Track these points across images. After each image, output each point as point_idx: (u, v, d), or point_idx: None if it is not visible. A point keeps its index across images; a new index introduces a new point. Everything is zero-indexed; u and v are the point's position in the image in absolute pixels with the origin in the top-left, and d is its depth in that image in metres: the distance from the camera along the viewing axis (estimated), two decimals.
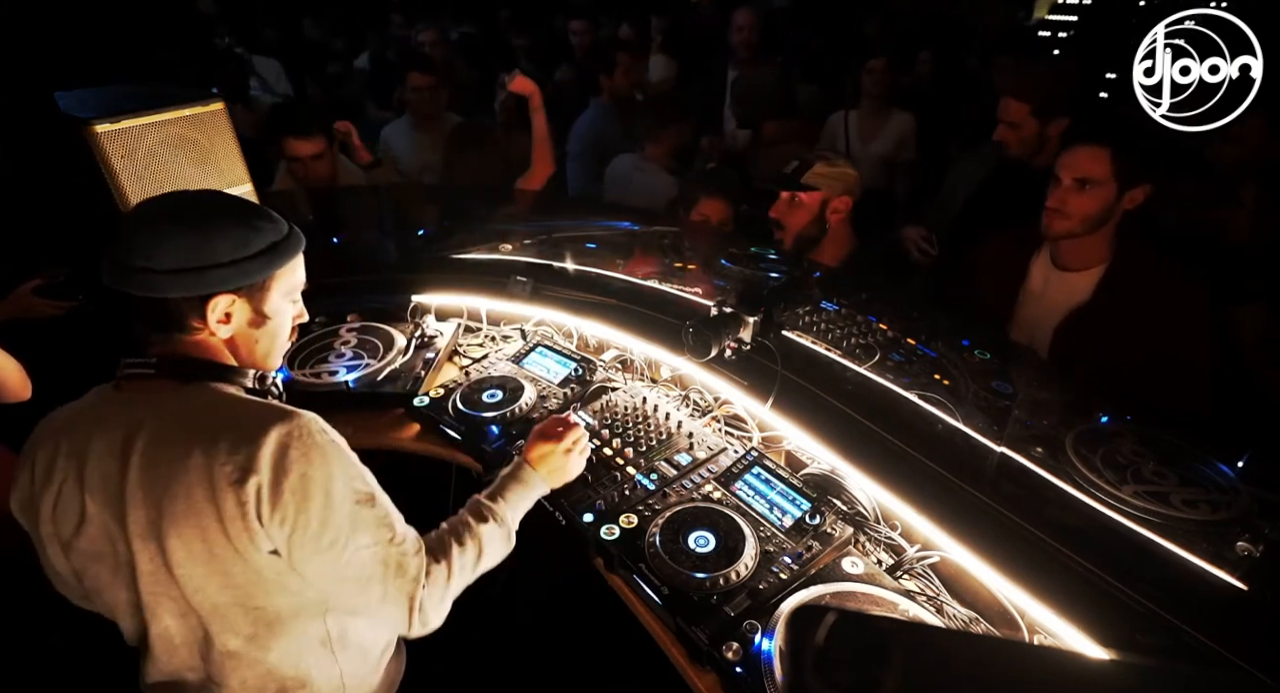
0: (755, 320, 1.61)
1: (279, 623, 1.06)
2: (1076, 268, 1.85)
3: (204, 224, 0.99)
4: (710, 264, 2.21)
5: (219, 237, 0.99)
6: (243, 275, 1.01)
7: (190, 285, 0.98)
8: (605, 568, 1.45)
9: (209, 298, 1.00)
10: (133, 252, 0.96)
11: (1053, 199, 1.76)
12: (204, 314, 1.01)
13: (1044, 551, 1.20)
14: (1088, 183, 1.71)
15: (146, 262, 0.95)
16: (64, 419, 1.06)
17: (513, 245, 2.44)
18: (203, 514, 0.94)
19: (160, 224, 0.97)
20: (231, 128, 1.82)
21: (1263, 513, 1.17)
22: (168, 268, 0.96)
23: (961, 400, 1.50)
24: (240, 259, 1.00)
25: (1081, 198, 1.72)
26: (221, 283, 1.00)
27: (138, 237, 0.96)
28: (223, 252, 0.99)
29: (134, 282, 0.96)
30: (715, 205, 2.54)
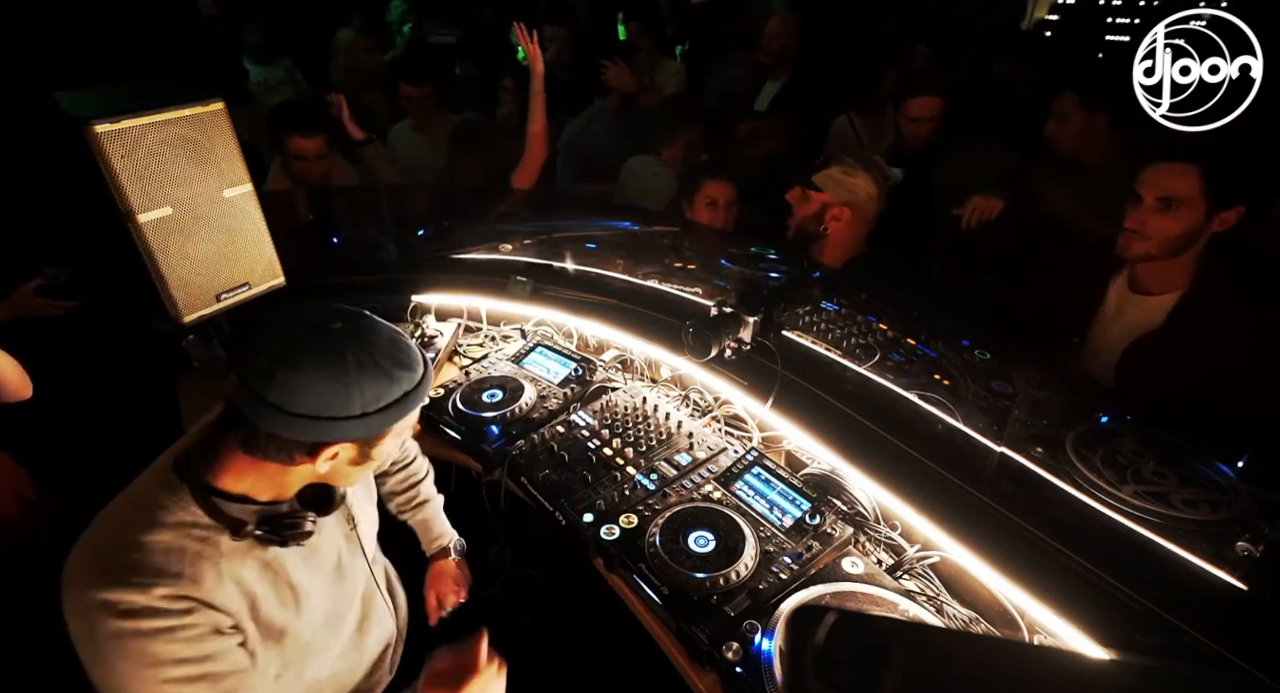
0: (755, 320, 1.61)
1: None
2: (1154, 292, 1.73)
3: (349, 378, 0.92)
4: (710, 264, 2.21)
5: (358, 392, 0.93)
6: (366, 428, 0.95)
7: (314, 433, 0.93)
8: (605, 568, 1.45)
9: (325, 446, 0.96)
10: (271, 387, 0.90)
11: (1131, 219, 1.64)
12: (314, 457, 0.97)
13: (1044, 551, 1.20)
14: (1172, 203, 1.58)
15: (280, 401, 0.90)
16: None
17: (513, 245, 2.44)
18: None
19: (308, 369, 0.90)
20: (231, 128, 1.82)
21: (1263, 513, 1.17)
22: (299, 412, 0.91)
23: (961, 400, 1.50)
24: (371, 413, 0.94)
25: (1164, 219, 1.60)
26: (344, 435, 0.95)
27: (279, 373, 0.90)
28: (356, 406, 0.93)
29: (261, 415, 0.91)
30: (721, 187, 2.53)
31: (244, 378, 0.91)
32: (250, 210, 1.91)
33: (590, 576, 1.47)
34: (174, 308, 1.82)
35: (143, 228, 1.70)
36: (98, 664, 0.90)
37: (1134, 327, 1.76)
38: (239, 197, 1.87)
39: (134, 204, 1.67)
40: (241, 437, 0.96)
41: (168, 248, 1.76)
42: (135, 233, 1.70)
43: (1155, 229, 1.62)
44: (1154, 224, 1.61)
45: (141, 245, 1.72)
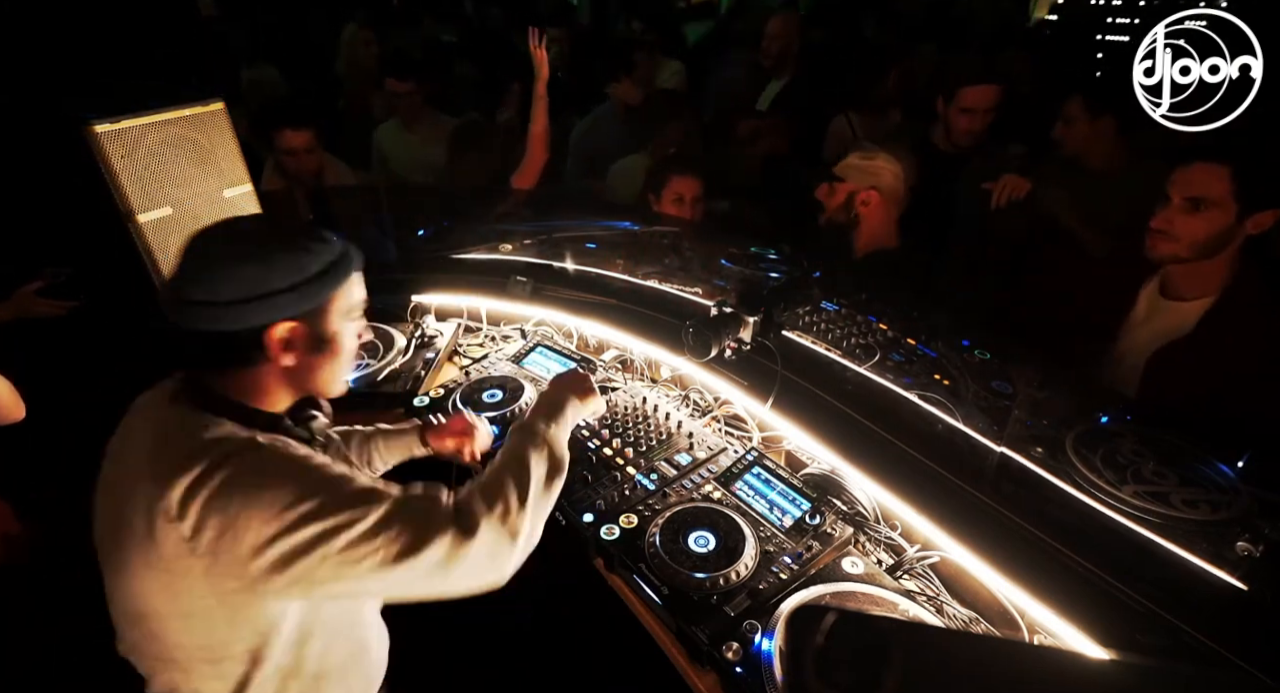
0: (755, 320, 1.61)
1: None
2: (1185, 297, 1.68)
3: (261, 252, 0.96)
4: (710, 264, 2.21)
5: (277, 263, 0.96)
6: (302, 299, 0.97)
7: (253, 315, 0.95)
8: (605, 568, 1.45)
9: (269, 326, 0.97)
10: (194, 285, 0.94)
11: (1159, 220, 1.60)
12: (265, 344, 0.98)
13: (1044, 551, 1.20)
14: (1202, 203, 1.53)
15: (209, 295, 0.93)
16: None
17: (513, 245, 2.44)
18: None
19: (219, 256, 0.95)
20: (231, 128, 1.82)
21: (1263, 513, 1.17)
22: (229, 298, 0.93)
23: (961, 400, 1.50)
24: (299, 283, 0.97)
25: (1193, 220, 1.55)
26: (282, 309, 0.96)
27: (197, 270, 0.94)
28: (281, 278, 0.96)
29: (197, 316, 0.94)
30: (687, 182, 2.56)
31: (170, 296, 0.95)
32: (250, 210, 1.91)
33: (590, 576, 1.47)
34: None
35: (143, 228, 1.70)
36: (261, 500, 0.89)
37: (1163, 332, 1.71)
38: (239, 197, 1.87)
39: (134, 204, 1.67)
40: (206, 362, 1.00)
41: (168, 248, 1.76)
42: (135, 233, 1.70)
43: (1183, 230, 1.57)
44: (1181, 225, 1.57)
45: (141, 245, 1.72)
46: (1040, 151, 2.65)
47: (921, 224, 2.45)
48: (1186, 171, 1.58)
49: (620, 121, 3.43)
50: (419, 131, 3.43)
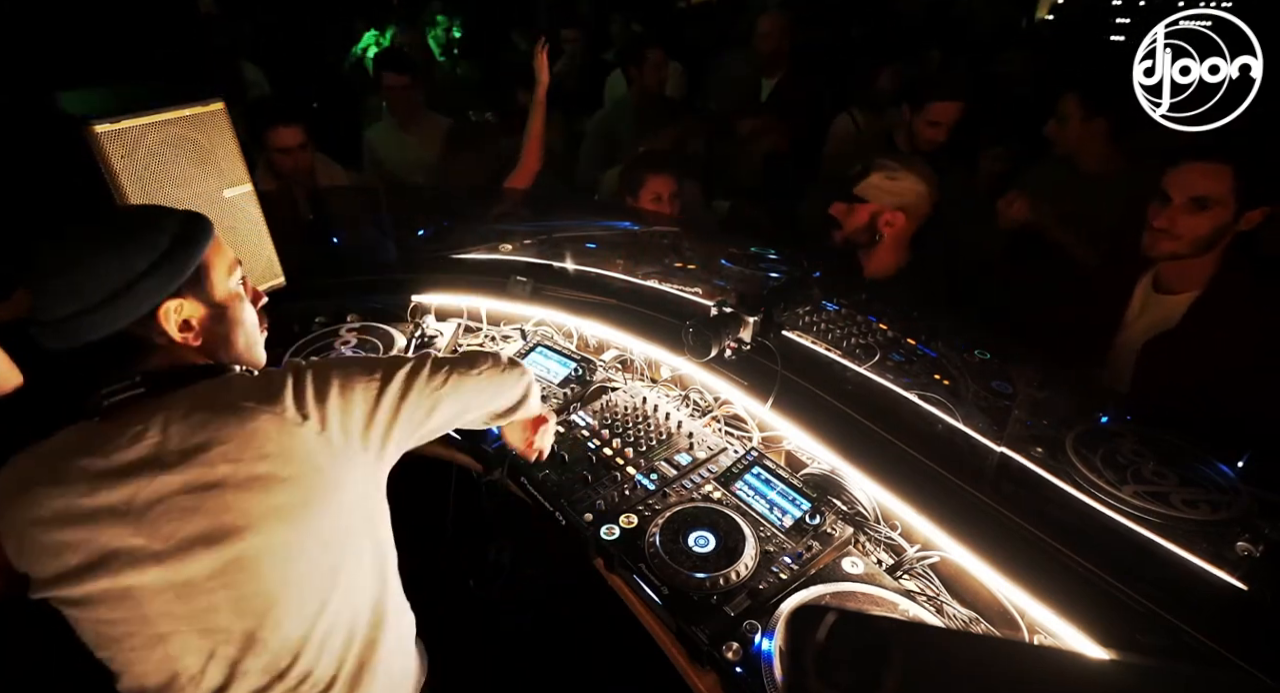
0: (755, 320, 1.61)
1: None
2: (1175, 291, 1.73)
3: (108, 243, 0.93)
4: (710, 264, 2.21)
5: (128, 249, 0.93)
6: (173, 273, 0.95)
7: (131, 307, 0.93)
8: (605, 568, 1.45)
9: (154, 311, 0.95)
10: (59, 301, 0.90)
11: (1161, 219, 1.62)
12: (161, 328, 0.96)
13: (1044, 551, 1.20)
14: (1206, 202, 1.57)
15: (79, 304, 0.90)
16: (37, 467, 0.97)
17: (513, 245, 2.44)
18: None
19: (68, 264, 0.91)
20: (231, 128, 1.82)
21: (1263, 513, 1.17)
22: (99, 300, 0.90)
23: (961, 400, 1.50)
24: (158, 259, 0.94)
25: (1196, 219, 1.58)
26: (159, 290, 0.94)
27: (52, 287, 0.91)
28: (140, 261, 0.93)
29: (76, 329, 0.91)
30: (663, 181, 2.59)
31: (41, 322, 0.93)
32: (250, 210, 1.91)
33: (590, 576, 1.47)
34: None
35: None
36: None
37: (1155, 325, 1.75)
38: (239, 196, 1.87)
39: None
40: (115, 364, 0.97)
41: None
42: None
43: (1185, 229, 1.60)
44: (1184, 224, 1.59)
45: None
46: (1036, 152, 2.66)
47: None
48: (1189, 171, 1.60)
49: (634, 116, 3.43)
50: (415, 132, 3.40)
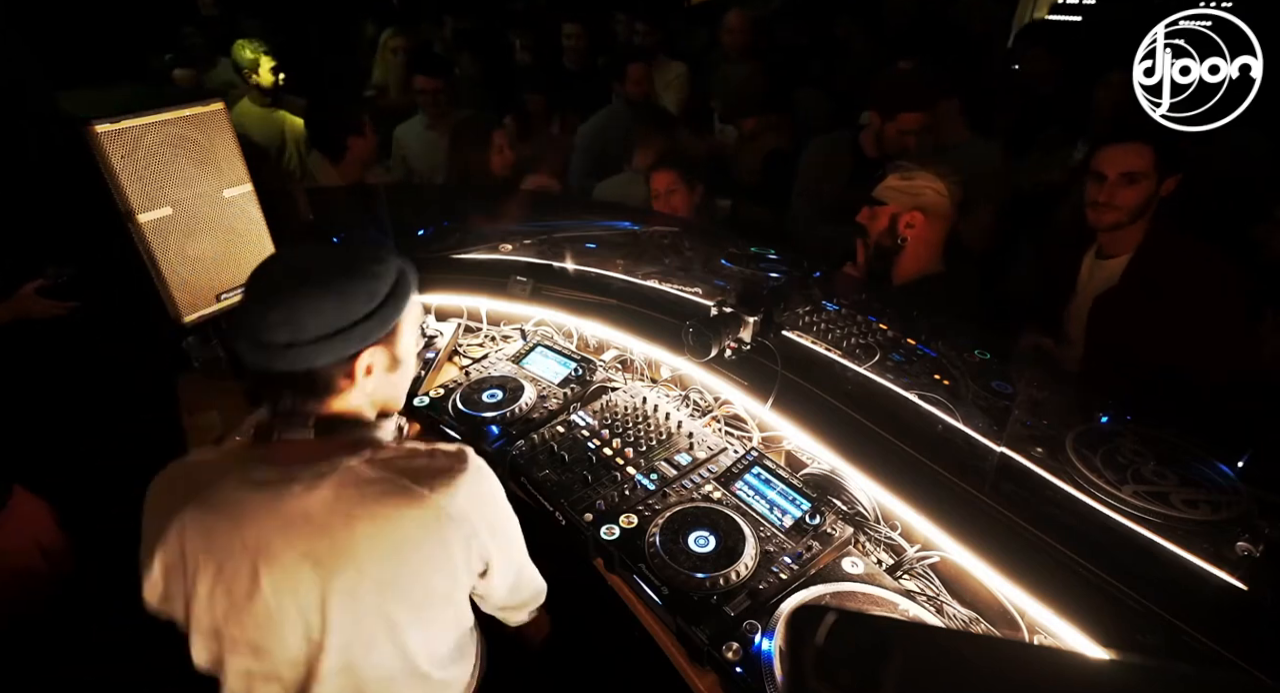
0: (755, 320, 1.61)
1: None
2: (1114, 255, 1.97)
3: (335, 284, 0.96)
4: (710, 264, 2.21)
5: (351, 294, 0.97)
6: (381, 326, 0.99)
7: (339, 349, 0.96)
8: (605, 568, 1.45)
9: (355, 356, 0.99)
10: (274, 329, 0.93)
11: (1102, 194, 1.88)
12: (351, 373, 1.00)
13: (1044, 551, 1.20)
14: (1135, 177, 1.83)
15: (292, 336, 0.93)
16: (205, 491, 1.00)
17: (513, 245, 2.44)
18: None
19: (293, 296, 0.94)
20: (232, 127, 1.82)
21: (1263, 513, 1.17)
22: (313, 337, 0.94)
23: (961, 400, 1.50)
24: (374, 310, 0.98)
25: (1129, 191, 1.84)
26: (364, 339, 0.98)
27: (275, 313, 0.93)
28: (359, 308, 0.97)
29: (284, 359, 0.94)
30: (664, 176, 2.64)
31: (249, 341, 0.94)
32: (250, 210, 1.91)
33: (590, 576, 1.47)
34: (174, 308, 1.82)
35: (143, 228, 1.70)
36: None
37: (1099, 287, 2.00)
38: (239, 196, 1.87)
39: (134, 204, 1.67)
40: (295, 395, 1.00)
41: (168, 248, 1.76)
42: (135, 233, 1.70)
43: (1122, 201, 1.86)
44: (1121, 196, 1.86)
45: (141, 245, 1.72)
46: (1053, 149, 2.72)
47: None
48: (1118, 151, 1.86)
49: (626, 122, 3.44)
50: (443, 131, 3.40)
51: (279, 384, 0.99)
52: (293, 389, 0.99)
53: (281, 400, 1.00)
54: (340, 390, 1.02)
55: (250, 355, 0.95)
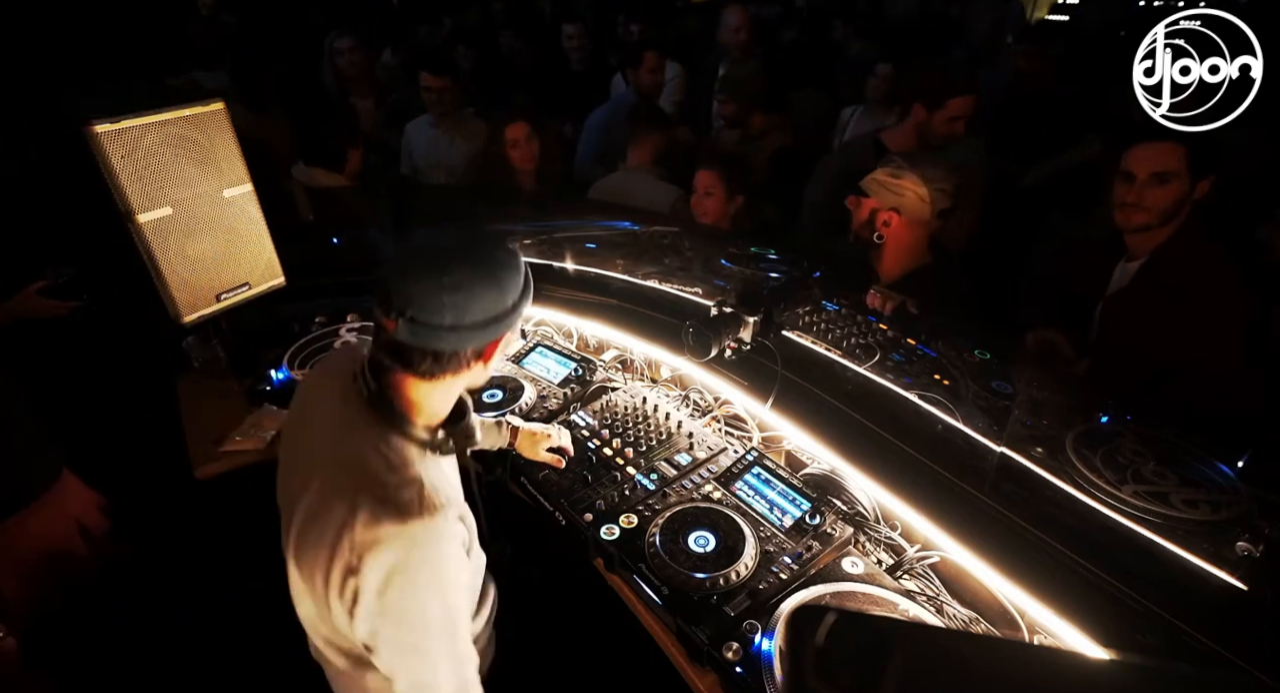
0: (755, 320, 1.61)
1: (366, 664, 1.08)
2: (1138, 258, 1.92)
3: (495, 275, 0.99)
4: (710, 264, 2.21)
5: (506, 284, 1.00)
6: (516, 316, 1.03)
7: (490, 334, 1.00)
8: (605, 568, 1.45)
9: (496, 341, 1.03)
10: (441, 312, 0.95)
11: (1131, 195, 1.83)
12: (487, 352, 1.03)
13: (1044, 551, 1.20)
14: (1166, 177, 1.77)
15: (456, 321, 0.96)
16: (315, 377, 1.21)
17: (513, 245, 2.44)
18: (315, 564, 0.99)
19: (464, 283, 0.95)
20: (231, 127, 1.82)
21: (1263, 513, 1.17)
22: (473, 322, 0.97)
23: (961, 400, 1.50)
24: (517, 301, 1.02)
25: (1160, 191, 1.79)
26: (506, 326, 1.01)
27: (446, 298, 0.94)
28: (510, 295, 1.00)
29: (443, 339, 0.97)
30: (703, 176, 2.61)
31: (413, 318, 0.95)
32: (250, 210, 1.91)
33: (590, 576, 1.47)
34: (174, 308, 1.82)
35: (143, 228, 1.70)
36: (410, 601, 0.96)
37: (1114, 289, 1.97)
38: (239, 196, 1.87)
39: (134, 204, 1.67)
40: (423, 369, 1.00)
41: (168, 248, 1.76)
42: (135, 233, 1.70)
43: (1152, 201, 1.80)
44: (1151, 197, 1.80)
45: (141, 245, 1.72)
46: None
47: None
48: (1148, 151, 1.80)
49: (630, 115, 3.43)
50: (451, 130, 3.40)
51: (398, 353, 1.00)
52: (405, 361, 1.00)
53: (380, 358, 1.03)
54: (457, 372, 1.03)
55: (407, 332, 0.95)
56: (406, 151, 3.51)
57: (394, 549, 0.94)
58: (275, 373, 2.00)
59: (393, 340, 0.98)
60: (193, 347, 2.06)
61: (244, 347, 2.11)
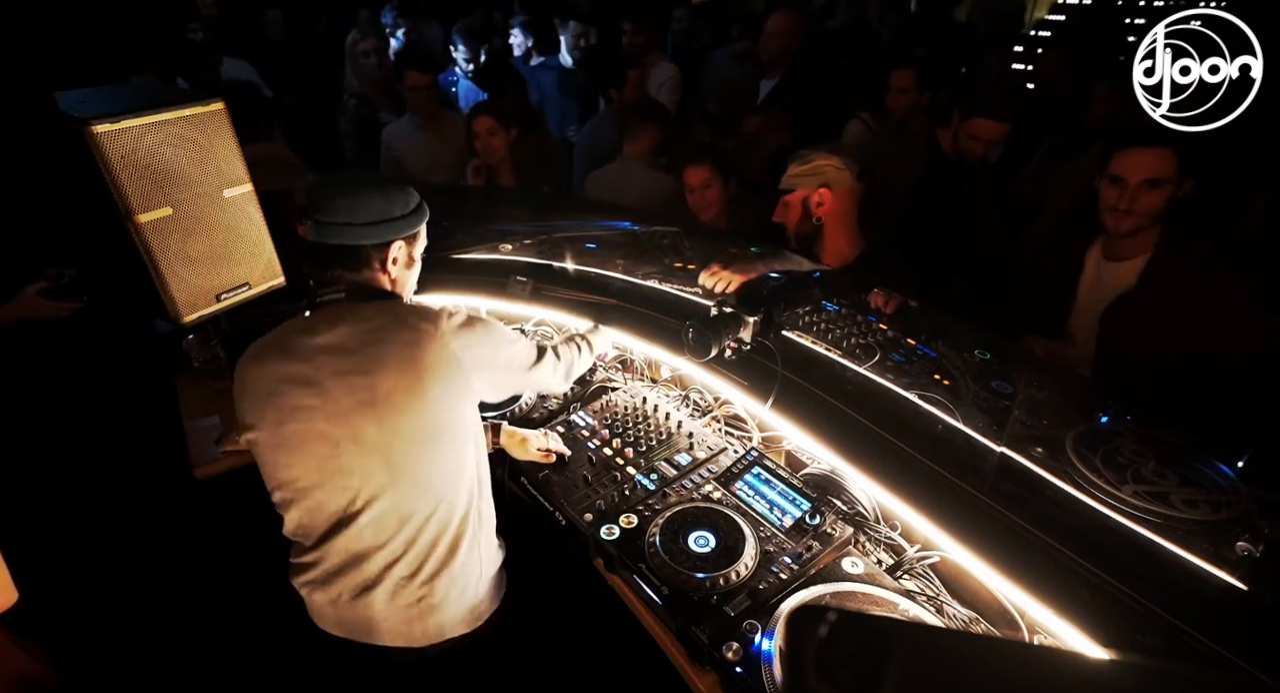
0: (755, 320, 1.61)
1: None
2: (1125, 258, 1.91)
3: (382, 189, 1.31)
4: (710, 264, 2.20)
5: (393, 198, 1.31)
6: (408, 226, 1.33)
7: (380, 234, 1.29)
8: (605, 568, 1.45)
9: (389, 244, 1.31)
10: (337, 212, 1.25)
11: (1122, 201, 1.79)
12: (384, 257, 1.32)
13: (1044, 551, 1.20)
14: (1159, 182, 1.75)
15: (349, 219, 1.26)
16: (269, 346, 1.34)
17: (513, 245, 2.44)
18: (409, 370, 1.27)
19: (353, 191, 1.27)
20: (231, 127, 1.82)
21: (1263, 513, 1.17)
22: (364, 221, 1.27)
23: (961, 400, 1.50)
24: (406, 214, 1.33)
25: (1151, 196, 1.77)
26: (397, 231, 1.31)
27: (339, 201, 1.26)
28: (397, 208, 1.31)
29: (340, 234, 1.26)
30: (694, 171, 2.59)
31: (317, 219, 1.26)
32: (250, 210, 1.91)
33: (590, 576, 1.47)
34: (174, 308, 1.82)
35: (143, 228, 1.70)
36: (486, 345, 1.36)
37: (1110, 292, 1.93)
38: (239, 197, 1.87)
39: (134, 204, 1.67)
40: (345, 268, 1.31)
41: (168, 248, 1.76)
42: (135, 233, 1.70)
43: (1144, 206, 1.79)
44: (1143, 202, 1.78)
45: (141, 245, 1.72)
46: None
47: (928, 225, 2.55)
48: (1140, 155, 1.77)
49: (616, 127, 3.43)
50: (434, 130, 3.39)
51: (329, 259, 1.29)
52: (339, 264, 1.30)
53: (328, 272, 1.31)
54: (372, 270, 1.32)
55: (316, 231, 1.26)
56: (390, 157, 3.46)
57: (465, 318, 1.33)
58: None
59: (310, 245, 1.28)
60: (193, 347, 2.06)
61: (244, 347, 2.11)
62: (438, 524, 1.33)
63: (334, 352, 1.26)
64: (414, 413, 1.25)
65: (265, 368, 1.29)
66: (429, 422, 1.27)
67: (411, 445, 1.26)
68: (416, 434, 1.26)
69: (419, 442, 1.27)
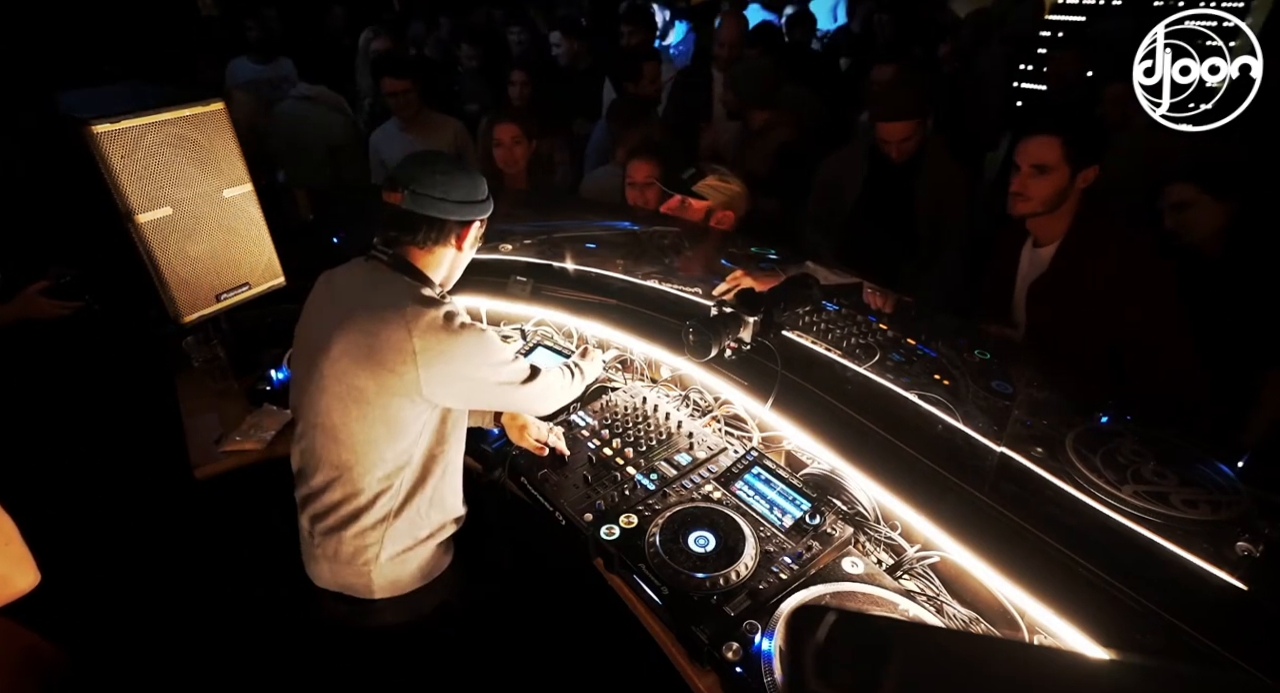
0: (755, 320, 1.61)
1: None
2: (1045, 243, 2.04)
3: (470, 173, 1.42)
4: (710, 264, 2.21)
5: (478, 182, 1.43)
6: (483, 209, 1.45)
7: (467, 212, 1.41)
8: (605, 568, 1.45)
9: (470, 223, 1.43)
10: (435, 186, 1.36)
11: (1015, 184, 1.95)
12: (464, 233, 1.44)
13: (1044, 551, 1.20)
14: (1045, 168, 1.88)
15: (444, 195, 1.37)
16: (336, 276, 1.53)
17: (513, 245, 2.44)
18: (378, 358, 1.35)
19: (449, 170, 1.39)
20: (231, 127, 1.82)
21: (1263, 513, 1.17)
22: (456, 198, 1.38)
23: (961, 400, 1.50)
24: (484, 199, 1.45)
25: (1039, 182, 1.90)
26: (479, 212, 1.44)
27: (438, 177, 1.36)
28: (481, 192, 1.44)
29: (435, 207, 1.37)
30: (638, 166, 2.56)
31: (414, 190, 1.35)
32: (250, 210, 1.91)
33: (590, 576, 1.47)
34: (174, 308, 1.82)
35: (143, 228, 1.70)
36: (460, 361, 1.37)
37: (1034, 274, 2.07)
38: (239, 197, 1.87)
39: (134, 204, 1.67)
40: (421, 237, 1.40)
41: (168, 248, 1.76)
42: (135, 233, 1.70)
43: (1034, 191, 1.92)
44: (1032, 187, 1.92)
45: (141, 245, 1.72)
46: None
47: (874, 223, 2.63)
48: (1028, 144, 1.91)
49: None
50: (418, 132, 3.39)
51: (414, 226, 1.39)
52: (418, 231, 1.39)
53: (401, 237, 1.41)
54: (446, 245, 1.43)
55: (412, 201, 1.35)
56: (378, 161, 3.46)
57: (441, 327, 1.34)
58: (275, 373, 2.00)
59: (399, 211, 1.37)
60: (193, 347, 2.05)
61: (244, 347, 2.11)
62: (345, 486, 1.41)
63: (344, 292, 1.43)
64: (347, 379, 1.35)
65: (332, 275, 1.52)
66: (360, 391, 1.35)
67: (335, 400, 1.37)
68: (346, 396, 1.36)
69: (345, 400, 1.36)
